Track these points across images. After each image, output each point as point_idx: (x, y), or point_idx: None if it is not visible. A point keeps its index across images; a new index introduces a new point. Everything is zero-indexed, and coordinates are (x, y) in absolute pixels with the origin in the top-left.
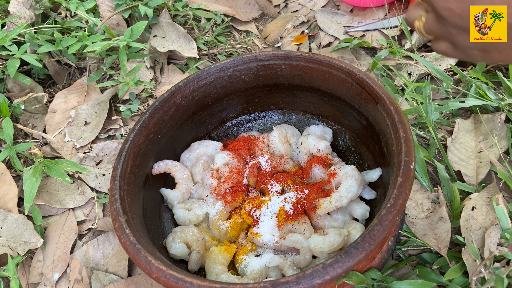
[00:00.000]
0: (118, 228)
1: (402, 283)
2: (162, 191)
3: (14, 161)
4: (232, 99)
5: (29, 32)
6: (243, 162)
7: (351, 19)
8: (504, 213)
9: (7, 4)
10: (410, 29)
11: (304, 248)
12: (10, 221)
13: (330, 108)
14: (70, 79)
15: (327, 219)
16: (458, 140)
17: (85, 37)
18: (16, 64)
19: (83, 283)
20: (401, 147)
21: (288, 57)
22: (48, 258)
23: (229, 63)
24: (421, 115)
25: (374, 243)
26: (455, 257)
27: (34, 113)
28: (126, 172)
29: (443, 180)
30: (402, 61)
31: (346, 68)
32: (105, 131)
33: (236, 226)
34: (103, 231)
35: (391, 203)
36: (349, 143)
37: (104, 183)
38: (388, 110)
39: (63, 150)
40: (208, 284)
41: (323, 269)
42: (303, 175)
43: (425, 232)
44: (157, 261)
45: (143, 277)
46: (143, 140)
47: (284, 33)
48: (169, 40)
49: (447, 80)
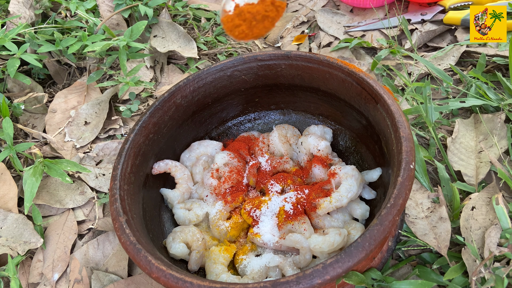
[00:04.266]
0: (118, 228)
1: (402, 283)
2: (162, 191)
3: (14, 161)
4: (232, 99)
5: (29, 32)
6: (243, 162)
7: (351, 19)
8: (504, 213)
9: (7, 4)
10: (410, 29)
11: (304, 248)
12: (10, 221)
13: (330, 108)
14: (70, 79)
15: (327, 219)
16: (458, 140)
17: (85, 37)
18: (16, 64)
19: (83, 283)
20: (401, 147)
21: (288, 57)
22: (48, 258)
23: (229, 63)
24: (421, 115)
25: (374, 243)
26: (455, 257)
27: (34, 113)
28: (126, 172)
29: (443, 180)
30: (402, 61)
31: (346, 68)
32: (105, 131)
33: (236, 226)
34: (103, 231)
35: (391, 203)
36: (349, 143)
37: (104, 183)
38: (388, 110)
39: (63, 150)
40: (208, 284)
41: (323, 269)
42: (303, 175)
43: (425, 232)
44: (157, 261)
45: (143, 277)
46: (143, 140)
47: (284, 33)
48: (169, 40)
49: (447, 80)
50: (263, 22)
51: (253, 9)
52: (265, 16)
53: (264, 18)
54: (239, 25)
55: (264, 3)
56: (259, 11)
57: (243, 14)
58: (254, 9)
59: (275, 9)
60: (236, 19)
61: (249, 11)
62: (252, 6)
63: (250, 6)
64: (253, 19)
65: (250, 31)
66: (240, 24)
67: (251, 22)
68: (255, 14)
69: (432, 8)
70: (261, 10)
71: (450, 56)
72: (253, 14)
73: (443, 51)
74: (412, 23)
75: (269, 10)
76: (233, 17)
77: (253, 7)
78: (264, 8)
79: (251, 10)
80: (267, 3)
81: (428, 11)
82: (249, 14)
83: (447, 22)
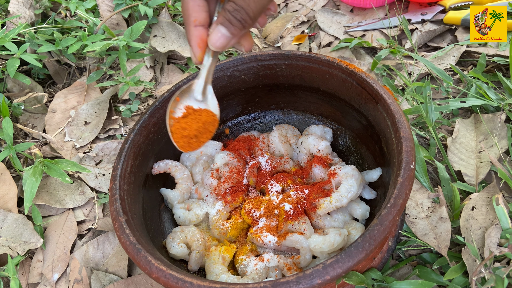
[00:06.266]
0: (118, 228)
1: (402, 283)
2: (162, 191)
3: (14, 161)
4: (232, 99)
5: (29, 31)
6: (243, 162)
7: (351, 19)
8: (504, 213)
9: (7, 4)
10: (410, 29)
11: (304, 248)
12: (10, 221)
13: (330, 108)
14: (70, 79)
15: (327, 219)
16: (458, 140)
17: (85, 37)
18: (16, 64)
19: (83, 283)
20: (401, 147)
21: (288, 57)
22: (48, 258)
23: (229, 63)
24: (421, 115)
25: (374, 243)
26: (455, 257)
27: (34, 113)
28: (126, 172)
29: (443, 180)
30: (402, 60)
31: (346, 68)
32: (105, 131)
33: (236, 226)
34: (103, 231)
35: (391, 203)
36: (349, 143)
37: (104, 183)
38: (388, 110)
39: (63, 150)
40: (208, 284)
41: (323, 269)
42: (303, 175)
43: (425, 232)
44: (157, 261)
45: (143, 277)
46: (143, 140)
47: (284, 32)
48: (169, 40)
49: (447, 79)
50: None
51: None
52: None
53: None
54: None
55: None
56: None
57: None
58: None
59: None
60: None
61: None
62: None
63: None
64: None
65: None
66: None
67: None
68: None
69: (432, 8)
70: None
71: (450, 56)
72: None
73: (443, 51)
74: (412, 23)
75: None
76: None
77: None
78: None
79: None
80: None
81: (428, 11)
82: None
83: (447, 22)
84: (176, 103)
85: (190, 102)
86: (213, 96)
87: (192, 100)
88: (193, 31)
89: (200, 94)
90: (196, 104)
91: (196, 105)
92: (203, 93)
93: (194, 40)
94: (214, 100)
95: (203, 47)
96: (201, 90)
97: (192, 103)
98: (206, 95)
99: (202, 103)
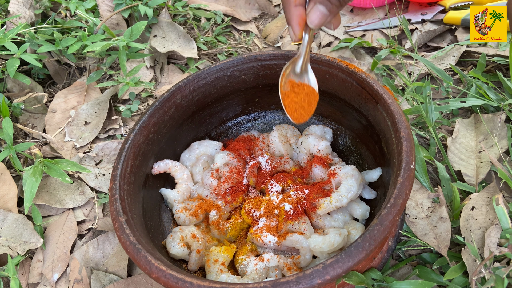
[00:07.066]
0: (118, 228)
1: (402, 283)
2: (162, 191)
3: (14, 161)
4: (232, 99)
5: (29, 31)
6: (243, 162)
7: (351, 19)
8: (504, 213)
9: (7, 4)
10: (410, 29)
11: (304, 248)
12: (10, 221)
13: (330, 108)
14: (70, 79)
15: (327, 219)
16: (458, 140)
17: (85, 37)
18: (15, 63)
19: (83, 283)
20: (401, 147)
21: (288, 57)
22: (48, 258)
23: (229, 63)
24: (421, 115)
25: (374, 243)
26: (455, 257)
27: (34, 113)
28: (126, 172)
29: (443, 180)
30: (402, 60)
31: (346, 67)
32: (105, 131)
33: (236, 226)
34: (103, 231)
35: (391, 203)
36: (349, 143)
37: (104, 183)
38: (388, 110)
39: (63, 150)
40: (208, 284)
41: (323, 269)
42: (303, 175)
43: (425, 232)
44: (157, 261)
45: (143, 277)
46: (143, 140)
47: (284, 32)
48: (169, 40)
49: (448, 79)
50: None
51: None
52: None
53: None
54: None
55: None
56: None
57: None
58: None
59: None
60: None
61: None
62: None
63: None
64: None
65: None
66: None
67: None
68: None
69: (432, 8)
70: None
71: (450, 56)
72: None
73: (443, 51)
74: (412, 23)
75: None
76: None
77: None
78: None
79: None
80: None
81: (428, 11)
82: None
83: (447, 22)
84: (283, 77)
85: (292, 77)
86: (311, 72)
87: (293, 75)
88: (294, 10)
89: (300, 69)
90: (297, 78)
91: (297, 79)
92: (303, 69)
93: (295, 19)
94: (313, 76)
95: (302, 25)
96: (300, 66)
97: (294, 77)
98: (306, 71)
99: (303, 78)
